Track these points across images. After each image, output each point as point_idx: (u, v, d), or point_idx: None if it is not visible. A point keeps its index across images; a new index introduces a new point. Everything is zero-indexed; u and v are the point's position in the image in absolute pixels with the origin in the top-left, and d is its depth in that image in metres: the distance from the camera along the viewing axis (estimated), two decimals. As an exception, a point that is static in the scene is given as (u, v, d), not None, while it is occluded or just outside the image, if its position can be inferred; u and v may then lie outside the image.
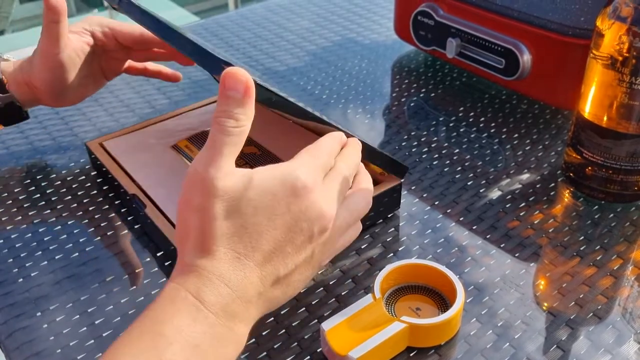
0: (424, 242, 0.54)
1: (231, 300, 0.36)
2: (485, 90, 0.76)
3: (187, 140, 0.62)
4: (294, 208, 0.38)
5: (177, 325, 0.34)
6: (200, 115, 0.67)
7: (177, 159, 0.60)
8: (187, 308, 0.35)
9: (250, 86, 0.37)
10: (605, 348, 0.44)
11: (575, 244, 0.53)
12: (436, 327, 0.43)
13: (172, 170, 0.58)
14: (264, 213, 0.37)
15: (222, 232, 0.37)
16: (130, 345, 0.34)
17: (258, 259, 0.37)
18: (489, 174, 0.62)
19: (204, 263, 0.36)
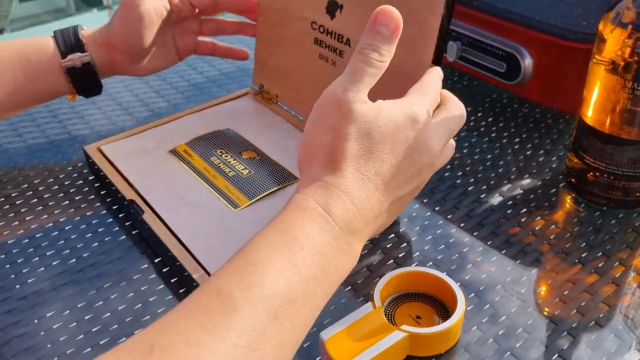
0: (424, 248, 0.53)
1: (354, 217, 0.39)
2: (486, 94, 0.76)
3: (186, 145, 0.62)
4: (410, 140, 0.41)
5: (307, 232, 0.37)
6: (198, 119, 0.66)
7: (176, 164, 0.59)
8: (316, 218, 0.38)
9: (399, 26, 0.41)
10: (607, 357, 0.43)
11: (576, 250, 0.53)
12: (437, 336, 0.42)
13: (171, 175, 0.58)
14: (388, 141, 0.41)
15: (352, 153, 0.40)
16: (266, 244, 0.37)
17: (379, 183, 0.40)
18: (490, 179, 0.62)
19: (332, 179, 0.40)
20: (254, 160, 0.59)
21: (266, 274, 0.35)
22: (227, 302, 0.33)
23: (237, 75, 0.83)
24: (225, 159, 0.59)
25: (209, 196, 0.55)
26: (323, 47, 0.60)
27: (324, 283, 0.37)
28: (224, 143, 0.62)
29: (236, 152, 0.60)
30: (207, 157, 0.59)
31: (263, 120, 0.67)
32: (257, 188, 0.55)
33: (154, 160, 0.60)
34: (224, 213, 0.53)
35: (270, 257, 0.36)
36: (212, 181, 0.56)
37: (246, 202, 0.54)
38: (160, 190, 0.56)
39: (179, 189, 0.56)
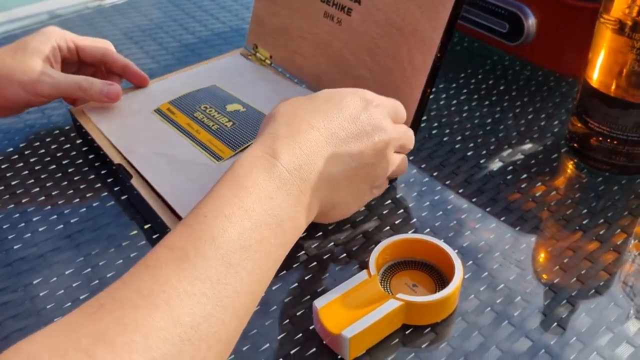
0: (421, 214, 0.52)
1: (303, 162, 0.39)
2: (487, 55, 0.73)
3: (169, 103, 0.60)
4: (360, 110, 0.43)
5: (255, 178, 0.37)
6: (185, 78, 0.65)
7: (159, 124, 0.57)
8: (263, 164, 0.38)
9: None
10: (606, 326, 0.43)
11: (577, 217, 0.51)
12: (433, 304, 0.41)
13: (153, 135, 0.56)
14: (334, 104, 0.43)
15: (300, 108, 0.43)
16: (215, 195, 0.37)
17: (328, 135, 0.41)
18: (489, 144, 0.60)
19: (281, 130, 0.41)
20: (239, 113, 0.58)
21: (215, 222, 0.35)
22: (178, 255, 0.33)
23: (230, 36, 0.80)
24: (210, 113, 0.58)
25: (192, 151, 0.54)
26: (330, 4, 0.58)
27: (278, 230, 0.37)
28: (208, 99, 0.60)
29: (221, 105, 0.59)
30: (191, 113, 0.58)
31: (252, 75, 0.65)
32: (241, 139, 0.54)
33: (138, 121, 0.58)
34: (208, 167, 0.52)
35: (219, 206, 0.36)
36: (194, 136, 0.55)
37: (229, 153, 0.53)
38: (142, 150, 0.54)
39: (161, 148, 0.54)
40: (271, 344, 0.41)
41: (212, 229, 0.34)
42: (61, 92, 0.56)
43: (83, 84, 0.56)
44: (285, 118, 0.42)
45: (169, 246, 0.34)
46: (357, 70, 0.56)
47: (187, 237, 0.34)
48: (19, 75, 0.54)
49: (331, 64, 0.59)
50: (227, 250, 0.34)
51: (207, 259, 0.33)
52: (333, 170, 0.41)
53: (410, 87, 0.51)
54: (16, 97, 0.55)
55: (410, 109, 0.51)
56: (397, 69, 0.52)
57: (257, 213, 0.36)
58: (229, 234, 0.34)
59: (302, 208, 0.39)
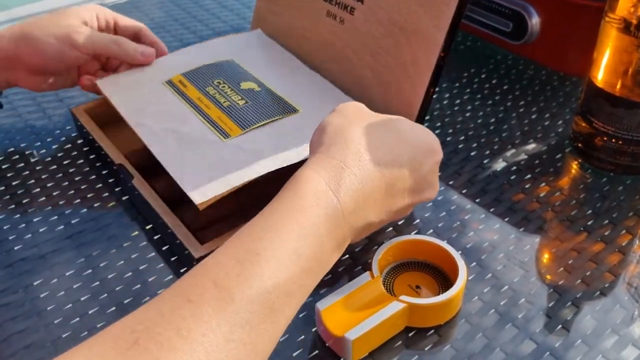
0: (424, 215, 0.51)
1: (359, 209, 0.38)
2: (491, 55, 0.73)
3: (182, 75, 0.58)
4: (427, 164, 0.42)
5: (314, 216, 0.36)
6: (200, 49, 0.63)
7: (169, 96, 0.56)
8: (325, 202, 0.36)
9: None
10: (612, 328, 0.42)
11: (582, 218, 0.51)
12: (437, 306, 0.41)
13: (162, 107, 0.55)
14: (408, 149, 0.41)
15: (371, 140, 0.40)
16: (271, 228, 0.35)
17: (389, 186, 0.40)
18: (493, 144, 0.59)
19: (350, 159, 0.38)
20: (252, 92, 0.56)
21: (267, 264, 0.33)
22: (223, 295, 0.31)
23: (231, 35, 0.80)
24: (222, 89, 0.56)
25: (200, 127, 0.52)
26: (332, 3, 0.57)
27: (317, 277, 0.36)
28: (223, 74, 0.58)
29: (235, 82, 0.57)
30: (203, 88, 0.56)
31: (271, 53, 0.63)
32: (252, 118, 0.52)
33: (148, 92, 0.56)
34: (214, 144, 0.50)
35: (273, 245, 0.34)
36: (204, 111, 0.54)
37: (238, 132, 0.51)
38: (151, 124, 0.53)
39: (169, 121, 0.53)
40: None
41: (264, 271, 0.33)
42: (95, 45, 0.56)
43: (119, 39, 0.57)
44: (357, 145, 0.39)
45: (215, 282, 0.32)
46: (360, 69, 0.55)
47: (235, 275, 0.32)
48: (55, 28, 0.55)
49: (333, 63, 0.58)
50: (272, 295, 0.32)
51: (251, 304, 0.32)
52: (377, 221, 0.40)
53: (413, 87, 0.51)
54: (51, 49, 0.54)
55: (413, 109, 0.51)
56: (400, 69, 0.52)
57: (306, 259, 0.34)
58: (278, 279, 0.33)
59: (339, 252, 0.38)
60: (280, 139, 0.50)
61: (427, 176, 0.42)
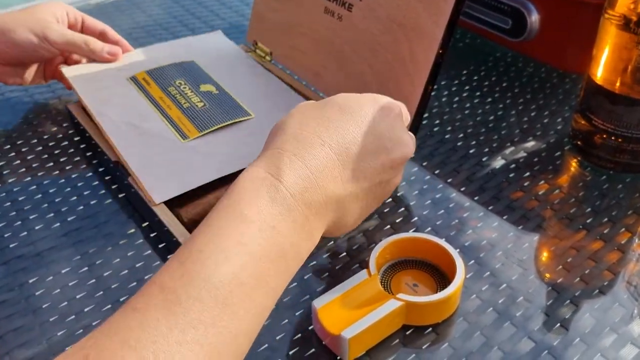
0: (422, 213, 0.51)
1: (310, 185, 0.36)
2: (490, 52, 0.73)
3: (146, 72, 0.61)
4: (379, 121, 0.39)
5: (256, 204, 0.34)
6: (165, 48, 0.67)
7: (133, 91, 0.59)
8: (266, 188, 0.35)
9: None
10: (610, 327, 0.42)
11: (581, 216, 0.50)
12: (434, 304, 0.41)
13: (126, 102, 0.57)
14: (349, 115, 0.39)
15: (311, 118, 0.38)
16: (212, 225, 0.34)
17: (341, 153, 0.37)
18: (492, 141, 0.59)
19: (286, 144, 0.37)
20: (210, 94, 0.59)
21: (210, 259, 0.32)
22: (169, 298, 0.30)
23: (230, 33, 0.79)
24: (183, 90, 0.59)
25: (161, 126, 0.55)
26: (330, 0, 0.57)
27: (280, 262, 0.34)
28: (184, 74, 0.61)
29: (195, 84, 0.60)
30: (165, 87, 0.59)
31: (230, 56, 0.66)
32: (208, 121, 0.55)
33: (112, 85, 0.59)
34: (174, 143, 0.53)
35: (215, 239, 0.33)
36: (165, 111, 0.56)
37: (196, 133, 0.54)
38: (114, 116, 0.55)
39: (132, 117, 0.55)
40: (270, 345, 0.41)
41: (207, 267, 0.31)
42: (67, 42, 0.59)
43: (88, 38, 0.61)
44: (294, 130, 0.38)
45: (160, 285, 0.31)
46: (358, 66, 0.55)
47: (179, 276, 0.31)
48: (29, 22, 0.58)
49: (331, 60, 0.58)
50: (223, 290, 0.31)
51: (200, 302, 0.30)
52: (342, 192, 0.37)
53: (411, 84, 0.50)
54: (25, 42, 0.58)
55: (412, 106, 0.50)
56: (398, 66, 0.51)
57: (257, 246, 0.33)
58: (225, 271, 0.31)
59: (306, 235, 0.36)
60: (234, 143, 0.53)
61: (385, 133, 0.39)
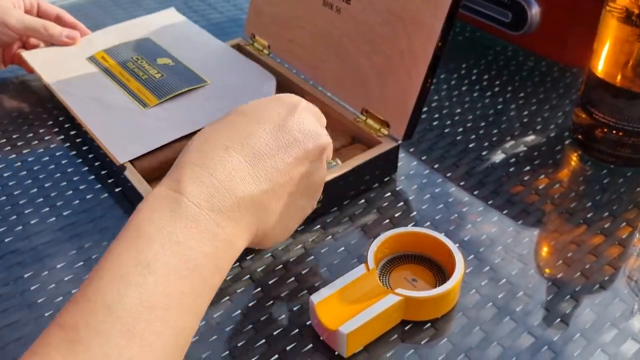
0: (421, 207, 0.51)
1: (216, 191, 0.33)
2: (490, 45, 0.72)
3: (104, 52, 0.64)
4: (286, 117, 0.38)
5: (156, 222, 0.31)
6: (120, 29, 0.69)
7: (93, 69, 0.61)
8: (166, 203, 0.32)
9: None
10: (611, 322, 0.41)
11: (582, 210, 0.50)
12: (433, 299, 0.40)
13: (87, 79, 0.60)
14: (252, 117, 0.37)
15: (212, 128, 0.37)
16: (111, 252, 0.31)
17: (247, 153, 0.35)
18: (492, 135, 0.59)
19: (189, 157, 0.35)
20: (167, 66, 0.61)
21: (110, 287, 0.29)
22: (69, 336, 0.28)
23: (227, 26, 0.79)
24: (140, 64, 0.62)
25: (122, 97, 0.58)
26: None
27: (193, 276, 0.31)
28: (141, 50, 0.64)
29: (152, 58, 0.63)
30: (124, 63, 0.62)
31: (185, 31, 0.69)
32: (167, 89, 0.58)
33: (73, 66, 0.62)
34: (135, 112, 0.56)
35: (115, 264, 0.30)
36: (125, 84, 0.59)
37: (155, 101, 0.57)
38: (76, 92, 0.58)
39: (94, 92, 0.58)
40: (267, 340, 0.40)
41: (106, 295, 0.29)
42: (27, 27, 0.62)
43: (47, 23, 0.63)
44: (197, 144, 0.36)
45: (60, 323, 0.28)
46: (356, 59, 0.55)
47: (78, 310, 0.29)
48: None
49: (330, 53, 0.57)
50: (127, 318, 0.28)
51: (102, 335, 0.28)
52: (255, 192, 0.35)
53: (410, 77, 0.50)
54: None
55: (411, 100, 0.50)
56: (397, 58, 0.51)
57: (162, 264, 0.30)
58: (129, 296, 0.29)
59: (223, 243, 0.33)
60: (192, 108, 0.57)
61: (294, 126, 0.37)
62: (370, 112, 0.54)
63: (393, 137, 0.52)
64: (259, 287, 0.44)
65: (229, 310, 0.42)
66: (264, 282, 0.44)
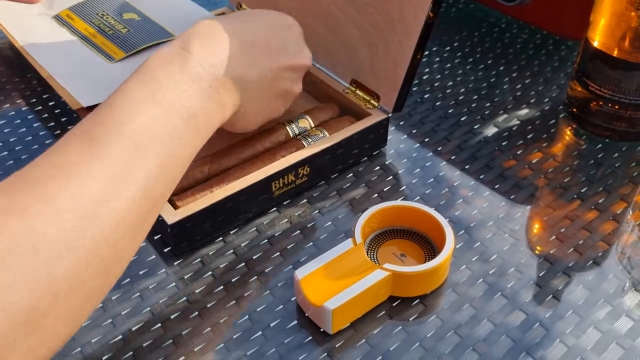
0: (411, 182, 0.49)
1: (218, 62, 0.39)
2: (484, 17, 0.70)
3: (69, 9, 0.62)
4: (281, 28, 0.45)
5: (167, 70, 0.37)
6: None
7: (58, 28, 0.60)
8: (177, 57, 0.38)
9: None
10: (604, 298, 0.40)
11: (575, 185, 0.49)
12: (422, 275, 0.39)
13: (53, 37, 0.59)
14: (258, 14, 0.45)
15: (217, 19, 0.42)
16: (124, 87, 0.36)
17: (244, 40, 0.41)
18: (484, 109, 0.57)
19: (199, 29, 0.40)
20: (133, 21, 0.61)
21: (124, 108, 0.34)
22: (85, 139, 0.32)
23: (214, -4, 0.76)
24: (106, 20, 0.61)
25: (88, 52, 0.57)
26: None
27: (190, 122, 0.36)
28: (106, 6, 0.63)
29: (118, 14, 0.62)
30: (89, 20, 0.61)
31: None
32: (134, 43, 0.57)
33: (39, 24, 0.61)
34: (101, 65, 0.55)
35: (128, 94, 0.35)
36: (91, 39, 0.59)
37: (122, 54, 0.56)
38: (44, 48, 0.57)
39: (60, 48, 0.58)
40: (250, 316, 0.39)
41: (121, 115, 0.34)
42: None
43: None
44: (202, 25, 0.41)
45: (75, 133, 0.33)
46: (346, 28, 0.52)
47: (93, 122, 0.33)
48: None
49: (319, 22, 0.55)
50: (137, 135, 0.33)
51: (115, 143, 0.32)
52: (248, 75, 0.41)
53: (400, 46, 0.48)
54: None
55: (401, 70, 0.48)
56: (387, 28, 0.49)
57: (168, 102, 0.35)
58: (138, 119, 0.34)
59: (215, 105, 0.38)
60: None
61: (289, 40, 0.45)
62: (360, 83, 0.52)
63: (383, 109, 0.50)
64: (242, 262, 0.42)
65: (212, 286, 0.41)
66: (248, 257, 0.43)
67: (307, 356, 0.37)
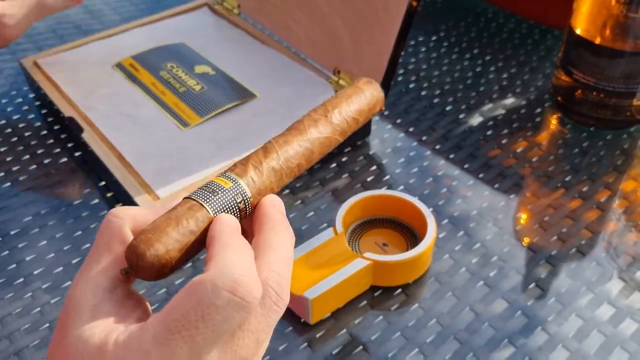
0: (395, 171, 0.49)
1: None
2: (470, 7, 0.70)
3: (133, 58, 0.55)
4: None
5: None
6: (148, 32, 0.60)
7: (121, 79, 0.54)
8: None
9: None
10: (587, 286, 0.40)
11: (560, 174, 0.48)
12: (403, 264, 0.39)
13: (115, 91, 0.52)
14: None
15: None
16: None
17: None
18: (469, 98, 0.57)
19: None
20: (207, 76, 0.53)
21: None
22: None
23: (199, -12, 0.76)
24: (176, 73, 0.53)
25: (157, 114, 0.50)
26: None
27: None
28: (175, 57, 0.56)
29: (188, 66, 0.54)
30: (156, 72, 0.54)
31: (220, 33, 0.60)
32: (210, 105, 0.50)
33: (97, 75, 0.54)
34: (173, 132, 0.48)
35: None
36: (160, 97, 0.51)
37: (197, 120, 0.49)
38: (103, 107, 0.50)
39: (123, 107, 0.50)
40: (230, 307, 0.39)
41: None
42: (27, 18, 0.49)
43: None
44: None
45: None
46: (330, 18, 0.52)
47: None
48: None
49: (303, 12, 0.55)
50: None
51: None
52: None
53: (384, 35, 0.48)
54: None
55: (384, 58, 0.48)
56: (371, 15, 0.48)
57: None
58: None
59: None
60: (240, 126, 0.49)
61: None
62: (343, 72, 0.52)
63: (366, 99, 0.50)
64: (223, 253, 0.42)
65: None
66: (229, 248, 0.42)
67: (287, 346, 0.37)
